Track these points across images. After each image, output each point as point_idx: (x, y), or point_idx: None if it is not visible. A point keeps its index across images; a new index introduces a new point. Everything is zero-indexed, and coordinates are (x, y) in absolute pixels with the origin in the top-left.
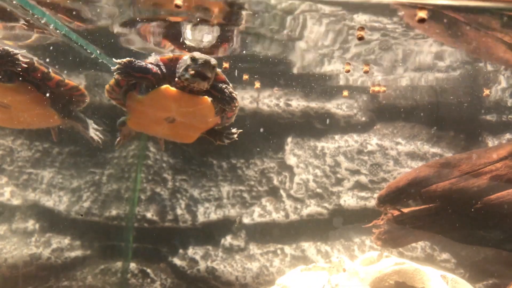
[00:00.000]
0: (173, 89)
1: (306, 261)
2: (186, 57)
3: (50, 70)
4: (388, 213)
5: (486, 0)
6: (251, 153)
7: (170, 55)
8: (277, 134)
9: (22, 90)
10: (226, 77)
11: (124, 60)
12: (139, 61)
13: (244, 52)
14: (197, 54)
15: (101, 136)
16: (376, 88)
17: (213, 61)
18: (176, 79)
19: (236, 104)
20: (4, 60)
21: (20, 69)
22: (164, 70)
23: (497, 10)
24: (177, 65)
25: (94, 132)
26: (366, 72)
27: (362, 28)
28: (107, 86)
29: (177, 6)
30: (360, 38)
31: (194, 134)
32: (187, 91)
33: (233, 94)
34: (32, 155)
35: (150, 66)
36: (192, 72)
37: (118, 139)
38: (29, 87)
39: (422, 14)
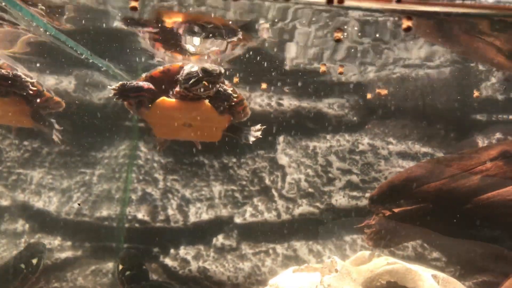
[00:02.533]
0: (171, 99)
1: (298, 260)
2: (193, 68)
3: (44, 88)
4: (379, 213)
5: (474, 7)
6: (243, 152)
7: (161, 68)
8: (269, 134)
9: (13, 103)
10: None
11: (117, 85)
12: (130, 82)
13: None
14: (208, 66)
15: (59, 136)
16: (382, 92)
17: (222, 70)
18: (178, 89)
19: (236, 100)
20: (13, 84)
21: (25, 94)
22: (160, 83)
23: (485, 16)
24: (181, 76)
25: (55, 132)
26: (340, 73)
27: (340, 30)
28: (126, 105)
29: (133, 8)
30: (338, 40)
31: (215, 133)
32: (188, 99)
33: (227, 91)
34: (21, 155)
35: (141, 83)
36: (206, 84)
37: (158, 148)
38: (20, 101)
39: (409, 23)
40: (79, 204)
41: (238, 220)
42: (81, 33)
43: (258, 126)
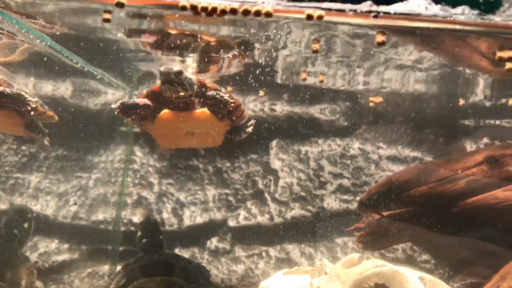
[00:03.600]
0: (172, 111)
1: (290, 263)
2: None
3: (38, 103)
4: (369, 217)
5: (461, 24)
6: (237, 157)
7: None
8: (262, 138)
9: (7, 116)
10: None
11: (117, 104)
12: (127, 100)
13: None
14: (164, 68)
15: (47, 138)
16: (376, 99)
17: (176, 68)
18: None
19: (233, 105)
20: (15, 102)
21: (24, 110)
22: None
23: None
24: None
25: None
26: (321, 81)
27: (317, 41)
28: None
29: (106, 20)
30: (315, 51)
31: (217, 138)
32: (182, 108)
33: (224, 97)
34: (19, 160)
35: (137, 101)
36: (162, 83)
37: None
38: (13, 114)
39: (382, 38)
40: (75, 204)
41: (231, 223)
42: (76, 40)
43: (251, 122)
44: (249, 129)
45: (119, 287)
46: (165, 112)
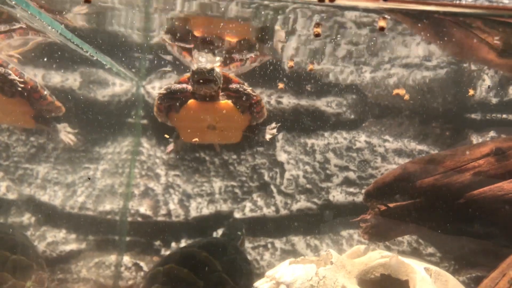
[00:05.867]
0: (198, 101)
1: (296, 254)
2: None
3: (46, 92)
4: (375, 208)
5: (466, 7)
6: (243, 149)
7: (188, 74)
8: None
9: (18, 104)
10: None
11: (164, 89)
12: (174, 85)
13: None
14: (198, 67)
15: (73, 138)
16: (400, 92)
17: (209, 66)
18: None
19: (255, 99)
20: (3, 80)
21: (19, 88)
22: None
23: (478, 15)
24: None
25: (66, 134)
26: (311, 70)
27: (318, 25)
28: (155, 114)
29: (87, 1)
30: (317, 35)
31: (236, 134)
32: (208, 99)
33: (247, 90)
34: (27, 151)
35: (185, 85)
36: (196, 82)
37: (170, 149)
38: (25, 102)
39: (382, 23)
40: (89, 178)
41: (237, 215)
42: (87, 31)
43: (273, 125)
44: (274, 131)
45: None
46: (191, 101)
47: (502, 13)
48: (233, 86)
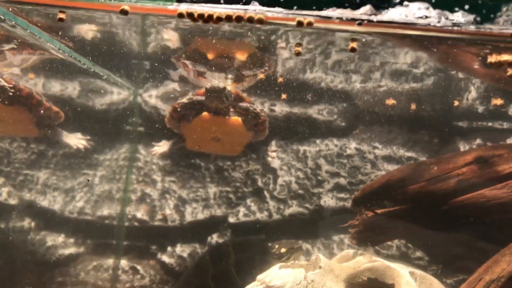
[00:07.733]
0: (210, 114)
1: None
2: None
3: (43, 98)
4: (363, 214)
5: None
6: (237, 155)
7: (203, 89)
8: None
9: (17, 112)
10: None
11: (185, 100)
12: (195, 95)
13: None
14: (211, 86)
15: (86, 144)
16: (390, 102)
17: (221, 85)
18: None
19: (262, 118)
20: None
21: (10, 93)
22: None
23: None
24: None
25: (78, 141)
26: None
27: (299, 44)
28: (166, 120)
29: (60, 20)
30: (298, 54)
31: (237, 148)
32: (219, 113)
33: (256, 110)
34: (28, 157)
35: (201, 97)
36: (209, 98)
37: (155, 152)
38: (24, 110)
39: (354, 45)
40: (88, 180)
41: (232, 219)
42: (85, 44)
43: (274, 148)
44: (274, 154)
45: None
46: (205, 113)
47: (488, 38)
48: (244, 104)
